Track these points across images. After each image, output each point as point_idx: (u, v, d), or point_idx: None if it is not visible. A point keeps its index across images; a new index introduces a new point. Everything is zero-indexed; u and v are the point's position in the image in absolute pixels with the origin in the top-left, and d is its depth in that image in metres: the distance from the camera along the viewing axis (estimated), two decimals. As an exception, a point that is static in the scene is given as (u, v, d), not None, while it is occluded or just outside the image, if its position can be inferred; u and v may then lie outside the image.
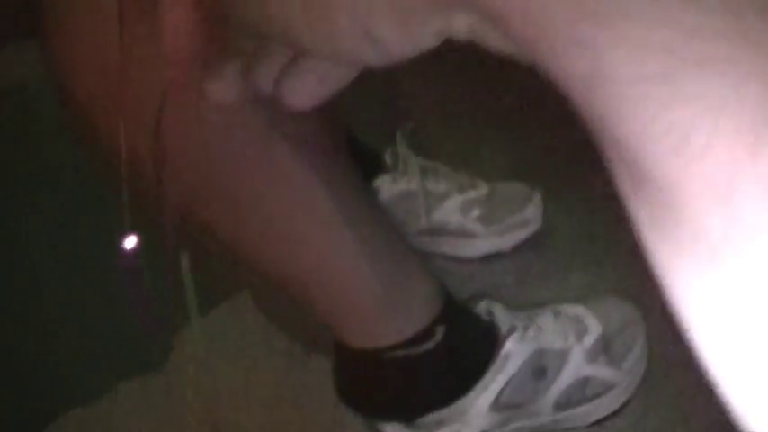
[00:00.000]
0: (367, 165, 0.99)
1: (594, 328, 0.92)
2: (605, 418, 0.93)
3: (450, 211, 1.09)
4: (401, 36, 0.27)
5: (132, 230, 0.47)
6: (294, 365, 1.04)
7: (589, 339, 0.91)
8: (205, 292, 1.12)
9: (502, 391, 0.85)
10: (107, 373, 1.08)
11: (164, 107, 0.38)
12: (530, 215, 1.12)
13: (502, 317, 0.86)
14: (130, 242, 0.48)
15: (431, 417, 0.86)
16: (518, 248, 1.12)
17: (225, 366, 1.06)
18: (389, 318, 0.79)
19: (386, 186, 1.05)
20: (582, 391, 0.90)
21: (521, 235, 1.12)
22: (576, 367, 0.89)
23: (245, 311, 1.12)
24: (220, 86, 0.36)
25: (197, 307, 0.56)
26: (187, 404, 0.99)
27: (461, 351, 0.84)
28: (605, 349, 0.91)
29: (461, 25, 0.26)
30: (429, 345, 0.80)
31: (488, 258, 1.11)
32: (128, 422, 1.02)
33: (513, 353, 0.85)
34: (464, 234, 1.10)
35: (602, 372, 0.90)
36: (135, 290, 0.53)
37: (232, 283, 1.14)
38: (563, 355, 0.88)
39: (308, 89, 0.34)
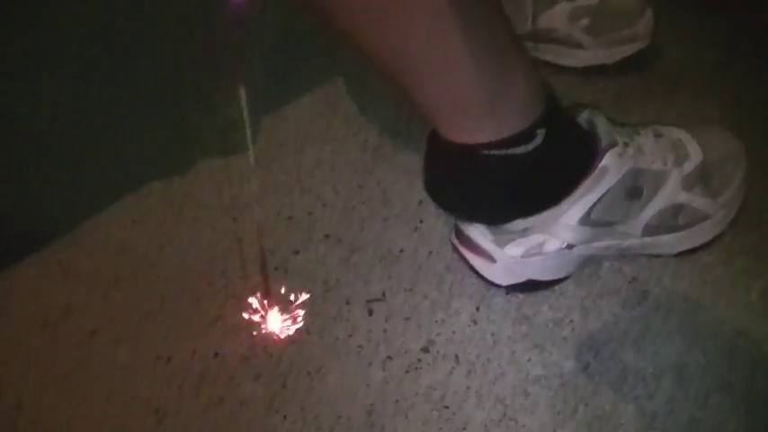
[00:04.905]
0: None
1: (695, 155, 0.88)
2: (693, 250, 0.90)
3: (559, 17, 1.06)
4: None
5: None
6: (381, 160, 1.03)
7: (688, 166, 0.87)
8: (298, 78, 1.11)
9: (594, 205, 0.82)
10: (191, 150, 1.07)
11: None
12: (639, 30, 1.07)
13: (603, 129, 0.82)
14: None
15: (518, 223, 0.84)
16: (622, 64, 1.07)
17: (311, 152, 1.04)
18: (492, 112, 0.75)
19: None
20: (674, 219, 0.87)
21: (627, 50, 1.08)
22: (671, 192, 0.86)
23: (339, 100, 1.10)
24: None
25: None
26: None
27: (558, 159, 0.80)
28: (703, 179, 0.88)
29: None
30: (527, 147, 0.77)
31: (590, 71, 1.07)
32: (209, 197, 1.02)
33: (611, 168, 0.81)
34: (569, 43, 1.07)
35: (697, 201, 0.87)
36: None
37: (326, 70, 1.13)
38: (660, 178, 0.85)
39: None
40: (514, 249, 0.86)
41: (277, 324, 0.61)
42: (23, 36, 1.21)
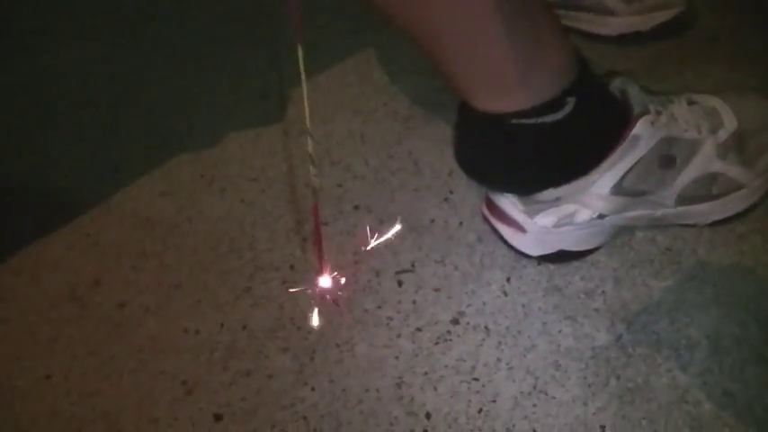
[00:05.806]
0: None
1: (730, 123, 0.86)
2: (727, 219, 0.88)
3: (590, -17, 1.03)
4: None
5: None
6: (412, 130, 1.02)
7: (723, 134, 0.85)
8: (328, 48, 1.10)
9: (626, 174, 0.81)
10: (220, 122, 1.07)
11: None
12: (674, -5, 1.04)
13: (636, 97, 0.81)
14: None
15: (549, 193, 0.82)
16: (657, 31, 1.05)
17: (341, 123, 1.03)
18: (522, 80, 0.74)
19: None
20: (708, 188, 0.85)
21: (661, 17, 1.05)
22: (705, 161, 0.84)
23: (369, 70, 1.08)
24: None
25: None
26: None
27: (590, 127, 0.79)
28: (738, 147, 0.86)
29: None
30: (557, 115, 0.76)
31: (624, 39, 1.05)
32: (238, 169, 1.02)
33: (643, 136, 0.80)
34: (601, 10, 1.04)
35: (731, 170, 0.85)
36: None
37: (356, 39, 1.12)
38: (694, 147, 0.83)
39: None
40: (545, 219, 0.84)
41: (325, 290, 0.61)
42: (52, 5, 1.21)
